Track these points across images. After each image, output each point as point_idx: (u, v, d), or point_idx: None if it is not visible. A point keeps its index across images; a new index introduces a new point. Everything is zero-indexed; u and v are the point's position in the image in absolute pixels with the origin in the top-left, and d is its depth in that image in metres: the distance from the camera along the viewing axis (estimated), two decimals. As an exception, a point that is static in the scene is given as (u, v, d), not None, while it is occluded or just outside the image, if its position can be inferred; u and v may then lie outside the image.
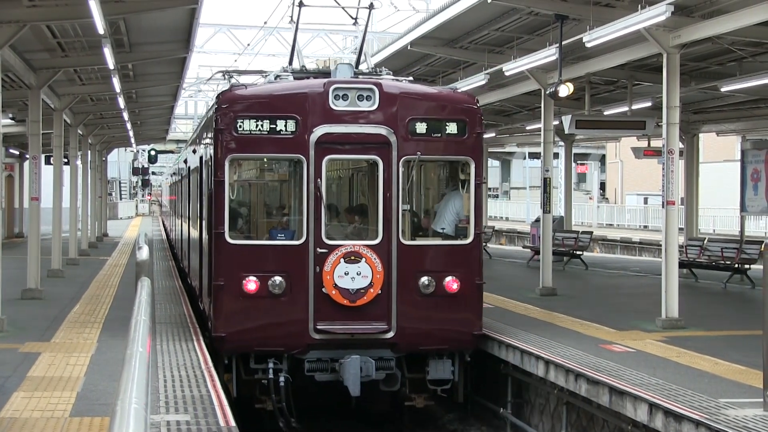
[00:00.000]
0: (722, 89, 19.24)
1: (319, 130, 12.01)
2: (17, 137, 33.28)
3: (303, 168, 12.03)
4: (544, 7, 16.09)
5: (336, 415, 13.73)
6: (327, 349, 12.09)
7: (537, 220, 26.20)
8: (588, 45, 15.10)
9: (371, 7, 14.28)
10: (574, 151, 34.36)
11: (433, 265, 12.32)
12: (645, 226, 48.86)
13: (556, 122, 20.64)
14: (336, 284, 11.92)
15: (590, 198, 66.57)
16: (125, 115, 29.26)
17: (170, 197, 36.41)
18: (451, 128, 12.36)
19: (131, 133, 37.97)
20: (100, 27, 13.91)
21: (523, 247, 33.77)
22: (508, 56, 18.99)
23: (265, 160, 12.93)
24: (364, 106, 12.10)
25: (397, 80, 12.94)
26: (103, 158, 43.91)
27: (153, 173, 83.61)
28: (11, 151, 37.66)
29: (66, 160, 27.37)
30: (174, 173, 32.75)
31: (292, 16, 15.06)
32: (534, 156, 63.40)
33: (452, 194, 12.97)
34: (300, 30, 14.83)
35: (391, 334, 12.09)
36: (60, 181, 23.57)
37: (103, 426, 8.39)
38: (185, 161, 21.84)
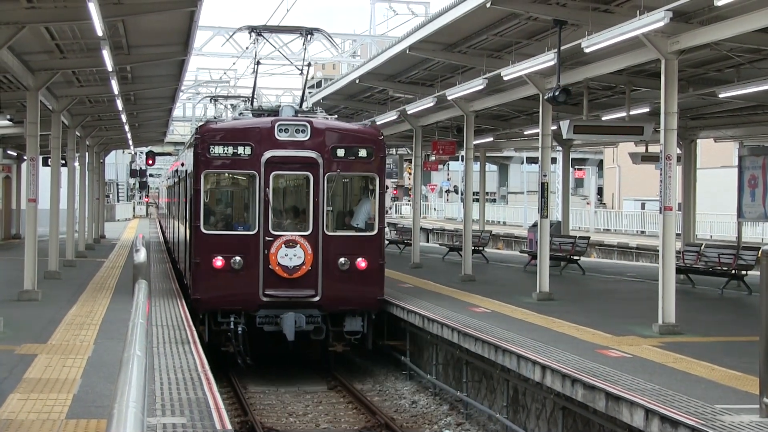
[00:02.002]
0: (720, 95, 19.23)
1: (268, 154, 16.70)
2: (15, 139, 33.26)
3: (256, 180, 16.69)
4: (543, 13, 16.09)
5: (280, 359, 18.32)
6: (272, 308, 16.68)
7: (534, 225, 26.22)
8: (586, 50, 15.10)
9: (309, 64, 20.18)
10: (572, 156, 34.36)
11: (348, 250, 16.95)
12: (642, 232, 48.79)
13: (554, 127, 20.64)
14: (279, 262, 16.56)
15: (587, 203, 66.47)
16: (123, 117, 29.25)
17: (166, 200, 41.07)
18: (362, 153, 17.05)
19: (129, 135, 37.96)
20: (99, 29, 13.90)
21: (521, 251, 33.77)
22: (507, 61, 18.99)
23: (229, 174, 17.58)
24: (300, 137, 16.77)
25: (327, 118, 17.82)
26: (101, 160, 43.90)
27: (151, 175, 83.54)
28: (9, 152, 37.62)
29: (64, 162, 27.31)
30: (168, 178, 37.49)
31: (254, 69, 20.94)
32: (532, 161, 63.46)
33: (364, 200, 17.61)
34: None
35: (317, 298, 16.75)
36: (57, 182, 23.55)
37: (100, 428, 8.39)
38: (176, 171, 26.67)
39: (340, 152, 16.92)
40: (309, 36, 19.54)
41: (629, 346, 13.07)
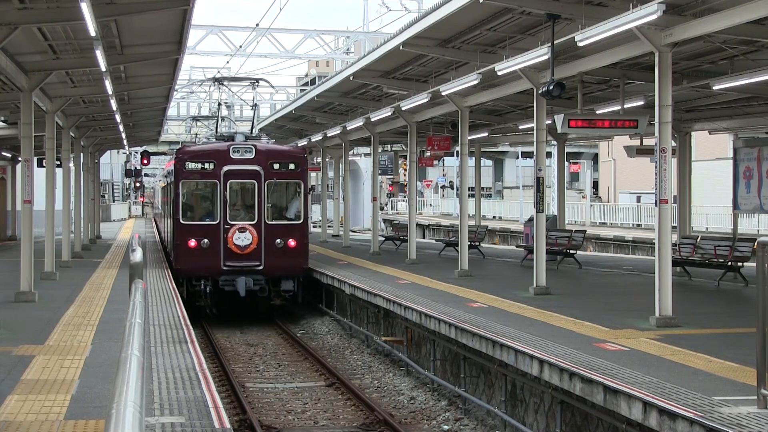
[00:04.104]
0: (714, 87, 19.23)
1: (225, 168, 23.60)
2: (9, 140, 33.23)
3: (217, 186, 23.62)
4: (536, 7, 16.08)
5: (236, 312, 24.74)
6: (229, 275, 23.38)
7: (530, 220, 26.23)
8: (580, 44, 15.10)
9: (256, 105, 27.39)
10: (567, 150, 34.33)
11: (283, 234, 23.85)
12: (638, 225, 48.85)
13: (549, 121, 20.63)
14: (234, 242, 23.34)
15: (583, 197, 66.47)
16: (117, 117, 29.21)
17: (160, 199, 49.23)
18: (291, 166, 24.09)
19: (124, 135, 37.90)
20: (92, 29, 13.88)
21: (517, 246, 33.79)
22: (501, 56, 18.98)
23: (199, 182, 24.14)
24: (248, 155, 23.75)
25: (268, 142, 26.61)
26: (96, 160, 43.82)
27: (146, 175, 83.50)
28: (3, 153, 37.57)
29: (58, 163, 27.28)
30: (161, 179, 46.20)
31: (217, 110, 31.47)
32: (527, 155, 63.40)
33: (294, 199, 24.39)
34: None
35: (261, 267, 23.54)
36: (52, 183, 23.53)
37: (98, 429, 8.38)
38: (165, 176, 35.09)
39: (276, 166, 23.84)
40: (256, 83, 29.41)
41: (627, 340, 13.08)
